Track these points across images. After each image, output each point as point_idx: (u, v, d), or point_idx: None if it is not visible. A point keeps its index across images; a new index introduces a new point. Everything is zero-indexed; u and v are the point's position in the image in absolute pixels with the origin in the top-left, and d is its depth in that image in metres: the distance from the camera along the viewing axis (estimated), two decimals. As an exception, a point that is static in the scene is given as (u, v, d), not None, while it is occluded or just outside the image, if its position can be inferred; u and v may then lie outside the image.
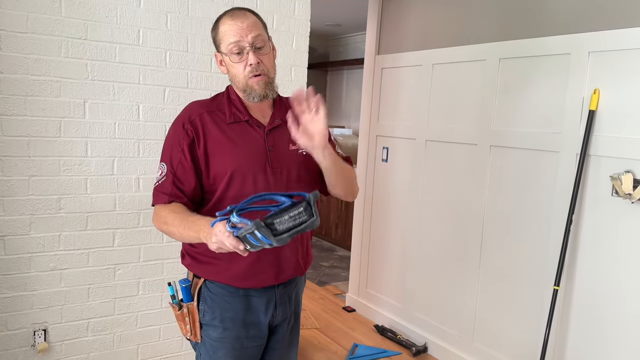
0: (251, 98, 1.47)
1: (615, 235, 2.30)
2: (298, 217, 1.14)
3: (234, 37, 1.41)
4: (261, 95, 1.46)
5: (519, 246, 2.70)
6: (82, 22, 2.28)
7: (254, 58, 1.42)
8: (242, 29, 1.41)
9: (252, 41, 1.42)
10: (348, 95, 6.50)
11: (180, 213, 1.41)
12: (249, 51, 1.42)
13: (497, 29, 2.82)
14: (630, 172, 2.22)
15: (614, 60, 2.29)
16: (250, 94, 1.46)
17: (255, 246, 1.17)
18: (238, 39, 1.41)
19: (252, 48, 1.42)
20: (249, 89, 1.45)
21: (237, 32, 1.41)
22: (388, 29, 3.57)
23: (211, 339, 1.52)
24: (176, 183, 1.45)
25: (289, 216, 1.14)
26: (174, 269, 2.61)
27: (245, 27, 1.42)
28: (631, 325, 2.24)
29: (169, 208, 1.43)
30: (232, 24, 1.42)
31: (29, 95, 2.21)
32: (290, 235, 1.14)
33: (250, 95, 1.46)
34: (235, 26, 1.42)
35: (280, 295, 1.56)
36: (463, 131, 2.99)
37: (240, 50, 1.42)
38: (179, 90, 2.55)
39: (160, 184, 1.47)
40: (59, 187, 2.31)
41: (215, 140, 1.45)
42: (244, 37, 1.41)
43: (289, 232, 1.14)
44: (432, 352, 3.21)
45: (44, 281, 2.33)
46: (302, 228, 1.14)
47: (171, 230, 1.41)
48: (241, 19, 1.43)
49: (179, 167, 1.45)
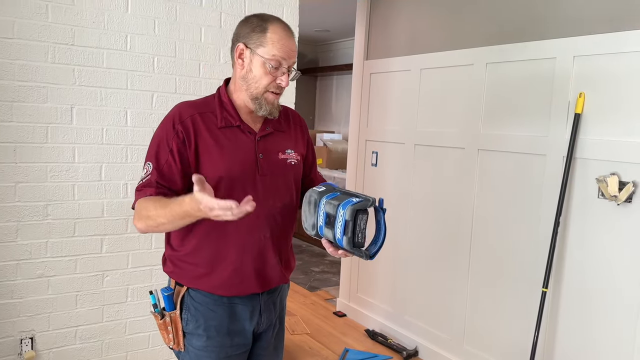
0: (259, 109, 1.46)
1: (602, 237, 2.32)
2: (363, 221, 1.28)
3: (282, 52, 1.41)
4: (270, 112, 1.47)
5: (508, 249, 2.72)
6: (69, 27, 2.27)
7: (287, 81, 1.45)
8: (291, 50, 1.43)
9: (291, 65, 1.45)
10: (337, 100, 6.52)
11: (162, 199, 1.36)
12: (284, 72, 1.43)
13: (485, 34, 2.85)
14: (616, 174, 2.24)
15: (599, 64, 2.32)
16: (260, 105, 1.45)
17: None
18: (285, 57, 1.42)
19: (289, 72, 1.44)
20: (263, 100, 1.45)
21: (286, 50, 1.42)
22: (376, 34, 3.60)
23: (195, 348, 1.50)
24: (161, 182, 1.40)
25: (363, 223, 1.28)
26: (163, 276, 2.58)
27: (293, 49, 1.44)
28: (619, 325, 2.26)
29: (151, 200, 1.37)
30: (285, 39, 1.42)
31: (16, 101, 2.19)
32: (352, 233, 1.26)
33: (260, 107, 1.45)
34: (287, 43, 1.42)
35: (265, 303, 1.55)
36: (451, 135, 3.01)
37: (278, 66, 1.42)
38: (167, 95, 2.54)
39: (144, 182, 1.41)
40: (46, 193, 2.29)
41: (206, 143, 1.43)
42: (289, 58, 1.43)
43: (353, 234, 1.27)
44: (422, 355, 3.21)
45: (31, 288, 2.31)
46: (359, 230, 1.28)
47: (152, 215, 1.34)
48: (292, 41, 1.44)
49: (166, 166, 1.40)
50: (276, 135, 1.53)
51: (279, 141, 1.54)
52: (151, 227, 1.39)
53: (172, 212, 1.31)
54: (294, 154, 1.55)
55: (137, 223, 1.41)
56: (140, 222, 1.40)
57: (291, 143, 1.57)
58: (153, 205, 1.35)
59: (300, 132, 1.63)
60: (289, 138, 1.57)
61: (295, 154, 1.55)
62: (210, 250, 1.46)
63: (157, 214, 1.34)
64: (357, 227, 1.26)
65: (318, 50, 6.75)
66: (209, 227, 1.43)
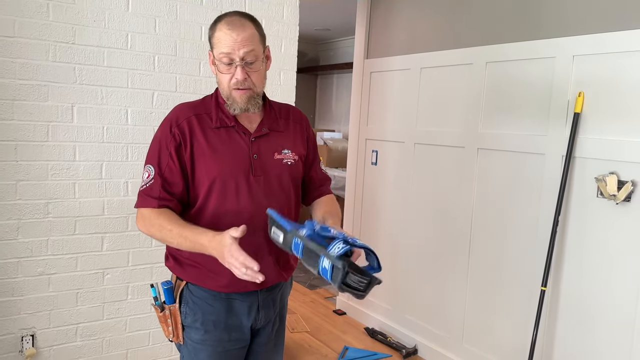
0: (232, 109, 1.46)
1: (601, 236, 2.33)
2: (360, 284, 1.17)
3: (226, 47, 1.39)
4: (242, 109, 1.45)
5: (507, 248, 2.73)
6: (70, 26, 2.28)
7: (242, 74, 1.40)
8: (235, 41, 1.38)
9: (242, 56, 1.39)
10: (338, 99, 6.52)
11: (177, 220, 1.41)
12: (237, 65, 1.40)
13: (484, 33, 2.85)
14: (615, 173, 2.25)
15: (598, 63, 2.33)
16: (232, 104, 1.45)
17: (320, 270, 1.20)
18: (229, 51, 1.39)
19: (242, 63, 1.40)
20: (232, 99, 1.45)
21: (230, 43, 1.38)
22: (376, 33, 3.60)
23: (193, 341, 1.52)
24: (165, 187, 1.43)
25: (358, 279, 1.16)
26: (163, 273, 2.60)
27: (239, 40, 1.38)
28: (618, 324, 2.27)
29: (163, 215, 1.42)
30: (228, 33, 1.39)
31: (17, 100, 2.20)
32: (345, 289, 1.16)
33: (232, 107, 1.45)
34: (230, 37, 1.38)
35: (263, 300, 1.56)
36: (451, 134, 3.02)
37: (230, 62, 1.40)
38: (168, 94, 2.55)
39: (147, 187, 1.44)
40: (47, 191, 2.30)
41: (200, 145, 1.44)
42: (235, 50, 1.38)
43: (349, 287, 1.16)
44: (422, 353, 3.22)
45: (32, 286, 2.32)
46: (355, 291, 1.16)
47: (165, 236, 1.41)
48: (237, 31, 1.39)
49: (167, 170, 1.43)
50: (272, 136, 1.53)
51: (275, 141, 1.53)
52: (155, 237, 1.46)
53: (183, 238, 1.38)
54: (291, 154, 1.55)
55: (143, 226, 1.46)
56: (146, 228, 1.45)
57: (289, 143, 1.56)
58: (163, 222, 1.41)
59: (300, 131, 1.63)
60: (287, 138, 1.57)
61: (292, 154, 1.55)
62: None
63: (168, 234, 1.40)
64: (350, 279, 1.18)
65: (318, 49, 6.75)
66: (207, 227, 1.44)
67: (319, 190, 1.68)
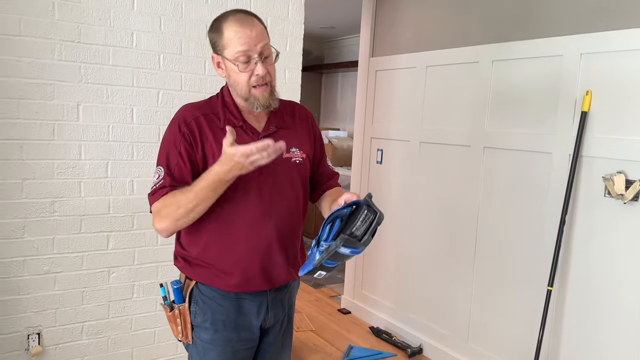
0: (254, 108, 1.44)
1: (608, 236, 2.31)
2: (367, 218, 1.25)
3: (243, 46, 1.37)
4: (264, 106, 1.44)
5: (513, 247, 2.71)
6: (75, 25, 2.28)
7: (263, 69, 1.39)
8: (251, 37, 1.37)
9: (260, 51, 1.38)
10: (343, 98, 6.51)
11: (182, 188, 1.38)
12: (257, 61, 1.39)
13: (490, 31, 2.83)
14: (622, 172, 2.23)
15: (606, 61, 2.31)
16: (253, 103, 1.43)
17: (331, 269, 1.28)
18: (247, 48, 1.37)
19: (261, 58, 1.39)
20: (253, 98, 1.42)
21: (246, 41, 1.37)
22: (382, 31, 3.59)
23: (202, 341, 1.52)
24: (174, 185, 1.42)
25: (360, 221, 1.25)
26: (169, 272, 2.61)
27: (254, 36, 1.37)
28: (625, 325, 2.26)
29: (171, 195, 1.38)
30: (241, 31, 1.37)
31: (23, 98, 2.20)
32: (370, 234, 1.25)
33: (254, 105, 1.44)
34: (244, 34, 1.37)
35: (272, 299, 1.56)
36: (456, 133, 3.00)
37: (248, 60, 1.39)
38: (173, 92, 2.55)
39: (158, 187, 1.42)
40: (53, 190, 2.31)
41: (210, 144, 1.43)
42: (252, 46, 1.37)
43: (366, 233, 1.25)
44: (427, 353, 3.22)
45: (38, 284, 2.32)
46: (375, 225, 1.25)
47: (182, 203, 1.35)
48: (250, 27, 1.38)
49: (177, 169, 1.42)
50: (280, 134, 1.52)
51: (283, 140, 1.53)
52: (180, 220, 1.38)
53: (201, 189, 1.33)
54: (298, 152, 1.54)
55: (161, 223, 1.39)
56: (164, 221, 1.38)
57: (296, 141, 1.56)
58: (177, 197, 1.37)
59: (306, 128, 1.62)
60: (294, 136, 1.56)
61: (300, 152, 1.55)
62: (218, 250, 1.47)
63: (187, 200, 1.34)
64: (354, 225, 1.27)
65: (323, 47, 6.74)
66: (217, 227, 1.45)
67: (327, 184, 1.67)
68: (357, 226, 1.24)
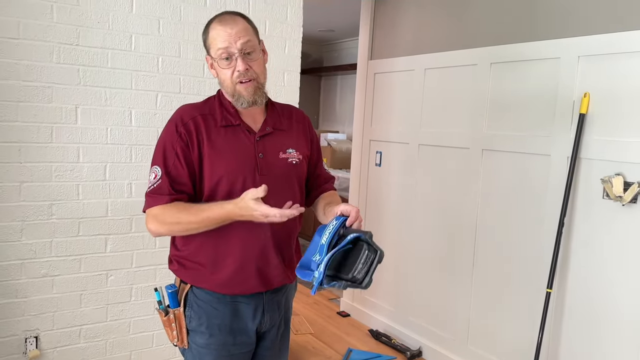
0: (239, 104, 1.47)
1: (607, 238, 2.31)
2: (368, 259, 1.28)
3: (223, 43, 1.41)
4: (249, 102, 1.46)
5: (512, 249, 2.71)
6: (74, 27, 2.28)
7: (243, 64, 1.42)
8: (230, 35, 1.41)
9: (240, 47, 1.42)
10: (342, 100, 6.51)
11: (191, 205, 1.41)
12: (237, 57, 1.42)
13: (489, 34, 2.84)
14: (621, 174, 2.23)
15: (604, 64, 2.31)
16: (238, 99, 1.46)
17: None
18: (227, 45, 1.41)
19: (241, 54, 1.42)
20: (237, 94, 1.45)
21: (225, 38, 1.41)
22: (380, 34, 3.59)
23: (198, 345, 1.51)
24: (173, 185, 1.43)
25: (361, 263, 1.27)
26: (167, 275, 2.60)
27: (234, 33, 1.41)
28: (624, 326, 2.25)
29: (175, 207, 1.41)
30: (221, 29, 1.42)
31: (21, 101, 2.20)
32: (371, 275, 1.27)
33: (239, 101, 1.46)
34: (224, 32, 1.42)
35: (268, 302, 1.55)
36: (455, 135, 3.00)
37: (229, 56, 1.42)
38: (171, 95, 2.55)
39: (155, 187, 1.43)
40: (51, 193, 2.30)
41: (208, 144, 1.44)
42: (232, 43, 1.41)
43: (367, 274, 1.27)
44: (426, 356, 3.21)
45: (36, 288, 2.32)
46: (375, 265, 1.28)
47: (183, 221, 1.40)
48: (230, 25, 1.42)
49: (174, 169, 1.43)
50: (276, 135, 1.53)
51: (280, 140, 1.53)
52: (175, 232, 1.46)
53: (208, 218, 1.38)
54: (295, 153, 1.55)
55: (156, 227, 1.43)
56: (160, 227, 1.43)
57: (292, 142, 1.56)
58: (180, 213, 1.40)
59: (303, 130, 1.63)
60: (290, 137, 1.57)
61: (297, 153, 1.55)
62: (213, 249, 1.47)
63: (188, 221, 1.40)
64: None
65: (322, 50, 6.74)
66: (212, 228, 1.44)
67: (322, 188, 1.68)
68: (358, 269, 1.26)
